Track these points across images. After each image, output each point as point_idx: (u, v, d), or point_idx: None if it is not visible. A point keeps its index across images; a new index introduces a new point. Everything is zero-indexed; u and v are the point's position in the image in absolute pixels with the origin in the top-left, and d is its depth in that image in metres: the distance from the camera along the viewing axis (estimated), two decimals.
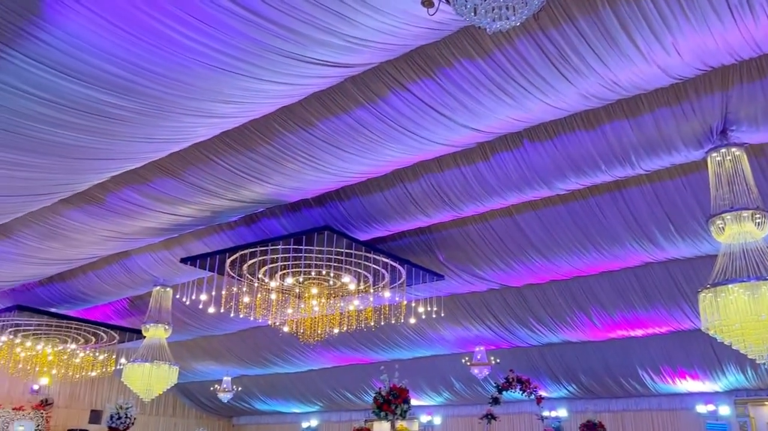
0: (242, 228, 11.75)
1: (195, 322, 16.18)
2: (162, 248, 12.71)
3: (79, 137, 6.77)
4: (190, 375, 20.51)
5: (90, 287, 14.53)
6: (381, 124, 7.60)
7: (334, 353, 17.70)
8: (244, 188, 9.68)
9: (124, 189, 9.43)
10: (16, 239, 11.09)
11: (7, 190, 8.17)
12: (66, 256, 12.39)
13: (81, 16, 4.77)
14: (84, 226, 10.77)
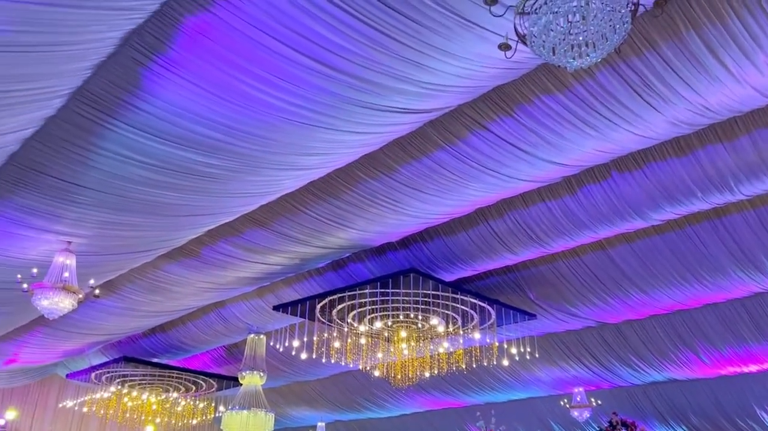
0: (330, 274, 11.97)
1: (288, 368, 16.44)
2: (255, 297, 13.11)
3: (177, 196, 7.19)
4: (285, 421, 20.74)
5: (189, 336, 15.15)
6: (462, 164, 7.60)
7: (426, 397, 17.43)
8: (329, 235, 9.89)
9: (219, 242, 9.86)
10: (122, 293, 11.77)
11: (114, 248, 8.74)
12: (166, 308, 13.02)
13: (176, 84, 5.12)
14: (182, 279, 11.31)
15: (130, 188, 6.80)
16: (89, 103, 5.43)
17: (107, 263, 9.33)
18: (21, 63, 4.50)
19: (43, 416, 18.75)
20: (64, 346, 15.50)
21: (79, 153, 6.10)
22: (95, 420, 18.71)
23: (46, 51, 4.47)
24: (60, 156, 6.17)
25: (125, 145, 5.94)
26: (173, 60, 4.92)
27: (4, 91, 4.84)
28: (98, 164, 6.28)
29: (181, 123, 5.62)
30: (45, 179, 6.61)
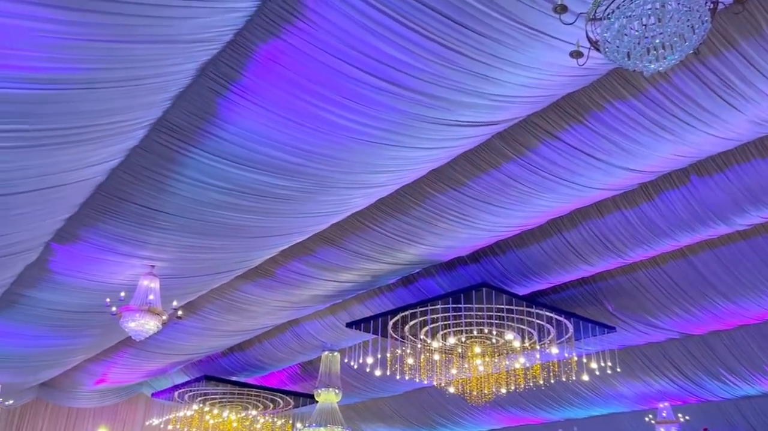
0: (401, 290, 11.98)
1: (362, 385, 16.51)
2: (328, 314, 13.28)
3: (252, 218, 7.41)
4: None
5: (265, 355, 15.48)
6: (532, 175, 7.48)
7: (503, 413, 17.09)
8: (399, 251, 9.92)
9: (292, 261, 10.06)
10: (201, 314, 12.18)
11: (194, 271, 9.07)
12: (243, 327, 13.37)
13: (250, 111, 5.30)
14: (258, 298, 11.60)
15: (209, 212, 7.06)
16: (169, 133, 5.69)
17: (188, 285, 9.68)
18: (106, 98, 4.76)
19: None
20: (149, 366, 16.15)
21: (161, 181, 6.39)
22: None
23: (129, 86, 4.72)
24: (143, 184, 6.49)
25: (203, 171, 6.18)
26: (247, 87, 5.10)
27: (91, 125, 5.13)
28: (178, 191, 6.56)
29: (256, 148, 5.80)
30: (129, 206, 6.96)
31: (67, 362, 14.12)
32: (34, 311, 10.09)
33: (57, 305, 9.83)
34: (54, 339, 11.67)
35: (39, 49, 3.80)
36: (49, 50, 3.85)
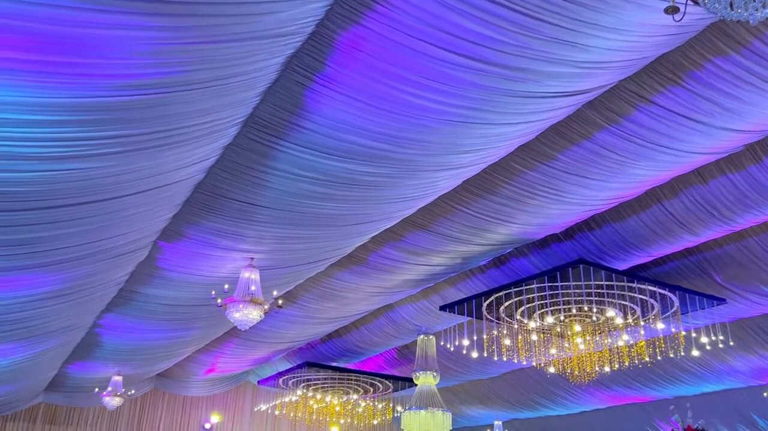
0: (493, 271, 11.85)
1: (459, 367, 16.51)
2: (421, 298, 13.35)
3: (343, 207, 7.55)
4: (461, 420, 20.82)
5: (362, 340, 15.79)
6: (627, 143, 7.16)
7: (607, 392, 16.59)
8: (489, 232, 9.79)
9: (383, 247, 10.18)
10: (300, 303, 12.58)
11: (291, 261, 9.37)
12: (339, 314, 13.69)
13: (335, 100, 5.39)
14: (352, 285, 11.83)
15: (301, 204, 7.26)
16: (260, 128, 5.88)
17: (286, 275, 10.01)
18: (198, 99, 4.97)
19: (242, 419, 20.54)
20: (253, 355, 16.88)
21: (255, 175, 6.63)
22: (286, 422, 20.13)
23: (220, 85, 4.90)
24: (239, 180, 6.75)
25: (294, 163, 6.35)
26: (331, 77, 5.18)
27: (187, 126, 5.38)
28: (272, 184, 6.78)
29: (342, 137, 5.89)
30: (227, 202, 7.27)
31: (179, 353, 14.99)
32: (147, 307, 10.77)
33: (167, 299, 10.45)
34: (166, 332, 12.42)
35: (133, 56, 4.00)
36: (143, 57, 4.04)
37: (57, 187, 5.22)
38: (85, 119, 4.36)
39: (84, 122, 4.39)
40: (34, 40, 3.48)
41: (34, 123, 4.21)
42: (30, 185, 5.02)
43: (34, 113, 4.07)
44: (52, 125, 4.31)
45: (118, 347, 13.18)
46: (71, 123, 4.37)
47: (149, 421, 19.16)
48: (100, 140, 4.75)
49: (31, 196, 5.18)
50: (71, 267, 7.38)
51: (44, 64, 3.67)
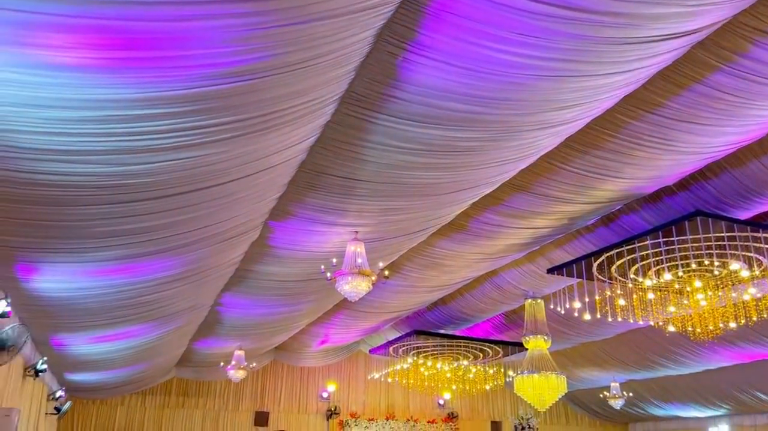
0: (602, 229, 11.43)
1: (571, 330, 16.17)
2: (526, 262, 13.14)
3: (441, 175, 7.52)
4: (576, 383, 20.48)
5: (468, 307, 15.80)
6: (745, 83, 6.62)
7: (732, 350, 15.69)
8: (595, 189, 9.43)
9: (484, 213, 10.07)
10: (404, 273, 12.74)
11: (393, 232, 9.48)
12: (443, 282, 13.75)
13: (428, 67, 5.33)
14: (454, 253, 11.82)
15: (400, 175, 7.30)
16: (355, 103, 5.93)
17: (389, 246, 10.15)
18: (293, 81, 5.07)
19: (356, 387, 21.28)
20: (363, 325, 17.36)
21: (354, 150, 6.73)
22: (399, 389, 20.64)
23: (314, 64, 4.97)
24: (339, 156, 6.88)
25: (390, 135, 6.38)
26: (422, 44, 5.11)
27: (285, 108, 5.52)
28: (370, 158, 6.85)
29: (438, 103, 5.83)
30: (329, 179, 7.43)
31: (293, 327, 15.68)
32: (261, 284, 11.31)
33: (279, 276, 10.92)
34: (280, 307, 13.01)
35: (226, 44, 4.10)
36: (235, 44, 4.14)
37: (170, 177, 5.54)
38: (188, 110, 4.56)
39: (187, 113, 4.59)
40: (129, 38, 3.66)
41: (141, 118, 4.44)
42: (146, 177, 5.35)
43: (139, 108, 4.30)
44: (158, 118, 4.54)
45: (237, 323, 13.97)
46: (176, 115, 4.59)
47: (271, 391, 20.27)
48: (204, 128, 4.96)
49: (148, 186, 5.53)
50: (190, 251, 7.86)
51: (141, 60, 3.86)
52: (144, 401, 18.79)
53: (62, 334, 10.33)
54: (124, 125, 4.45)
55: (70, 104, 4.04)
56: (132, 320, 10.20)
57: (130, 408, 18.60)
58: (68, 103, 4.01)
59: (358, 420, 20.71)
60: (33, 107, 3.97)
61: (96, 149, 4.63)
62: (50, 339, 10.53)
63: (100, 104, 4.10)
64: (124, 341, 11.56)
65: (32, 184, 4.99)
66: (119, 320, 9.92)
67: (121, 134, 4.53)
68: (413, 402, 21.58)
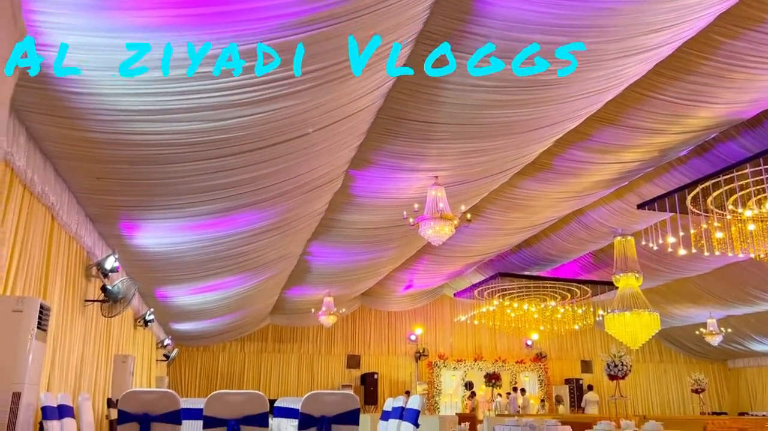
0: (695, 160, 10.83)
1: (663, 266, 15.63)
2: (614, 199, 12.70)
3: (522, 112, 7.31)
4: (669, 321, 19.92)
5: (554, 247, 15.54)
6: None
7: None
8: (689, 117, 8.92)
9: (569, 149, 9.75)
10: (486, 215, 12.64)
11: (475, 175, 9.38)
12: (527, 223, 13.54)
13: None
14: (538, 192, 11.58)
15: (479, 115, 7.15)
16: (429, 44, 5.82)
17: (470, 189, 10.07)
18: (369, 24, 5.01)
19: (443, 330, 21.63)
20: (446, 269, 17.48)
21: (430, 93, 6.63)
22: (486, 331, 20.81)
23: (384, 7, 4.89)
24: (415, 100, 6.81)
25: (467, 74, 6.22)
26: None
27: None
28: (447, 99, 6.74)
29: (516, 36, 5.62)
30: (408, 124, 7.40)
31: (378, 273, 16.00)
32: (345, 232, 11.56)
33: (363, 224, 11.11)
34: (365, 254, 13.29)
35: None
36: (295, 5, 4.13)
37: (258, 130, 5.68)
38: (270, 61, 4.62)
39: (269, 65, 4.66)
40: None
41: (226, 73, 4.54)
42: (236, 131, 5.52)
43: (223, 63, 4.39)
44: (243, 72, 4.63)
45: (325, 271, 14.42)
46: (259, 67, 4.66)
47: (360, 335, 20.95)
48: (286, 79, 5.03)
49: (238, 141, 5.71)
50: (279, 203, 8.11)
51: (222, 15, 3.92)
52: (243, 347, 19.91)
53: (165, 287, 11.03)
54: (211, 82, 4.57)
55: (157, 64, 4.19)
56: (227, 272, 10.73)
57: (231, 354, 19.77)
58: (155, 63, 4.16)
59: (447, 362, 21.13)
60: (122, 70, 4.15)
61: (185, 106, 4.80)
62: (155, 292, 11.27)
63: (185, 62, 4.22)
64: (221, 291, 12.21)
65: (128, 144, 5.26)
66: (216, 271, 10.46)
67: (209, 91, 4.67)
68: (500, 344, 21.73)
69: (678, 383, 22.88)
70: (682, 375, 22.60)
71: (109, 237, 8.01)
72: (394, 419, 4.60)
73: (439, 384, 20.83)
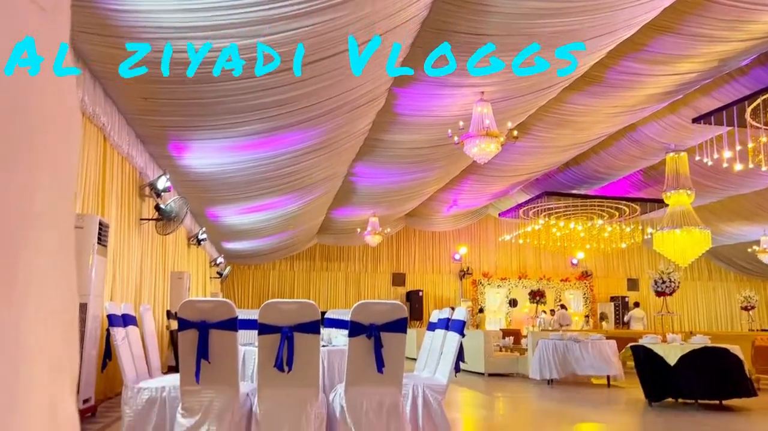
0: (757, 70, 10.26)
1: (716, 183, 15.16)
2: (668, 113, 12.23)
3: (573, 21, 6.97)
4: (720, 239, 19.51)
5: (603, 165, 15.19)
6: None
7: None
8: (752, 23, 8.37)
9: (621, 61, 9.34)
10: (533, 133, 12.37)
11: (522, 90, 9.10)
12: (576, 140, 13.21)
13: None
14: (588, 108, 11.21)
15: (528, 25, 6.86)
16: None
17: (517, 105, 9.81)
18: None
19: (487, 249, 21.78)
20: (492, 189, 17.37)
21: (479, 2, 6.37)
22: (530, 250, 20.86)
23: None
24: (463, 10, 6.56)
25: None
26: None
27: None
28: (496, 8, 6.47)
29: None
30: (452, 35, 7.16)
31: (423, 193, 16.03)
32: (390, 152, 11.52)
33: (407, 144, 11.04)
34: (410, 174, 13.27)
35: None
36: None
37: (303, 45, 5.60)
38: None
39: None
40: None
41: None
42: (281, 47, 5.45)
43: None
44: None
45: (369, 192, 14.52)
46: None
47: (405, 255, 21.29)
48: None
49: (284, 56, 5.65)
50: (324, 122, 8.10)
51: None
52: (292, 265, 20.54)
53: (215, 207, 11.33)
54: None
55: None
56: (275, 192, 10.92)
57: (281, 272, 20.44)
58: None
59: (491, 280, 21.37)
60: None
61: (228, 22, 4.76)
62: (205, 212, 11.60)
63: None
64: (269, 211, 12.49)
65: (173, 63, 5.28)
66: (263, 192, 10.66)
67: (251, 5, 4.60)
68: (545, 262, 21.79)
69: (726, 301, 22.68)
70: (731, 293, 22.36)
71: (159, 158, 8.20)
72: (441, 329, 4.72)
73: (483, 301, 21.19)
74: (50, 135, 0.45)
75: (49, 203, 0.44)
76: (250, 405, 3.79)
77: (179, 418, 3.73)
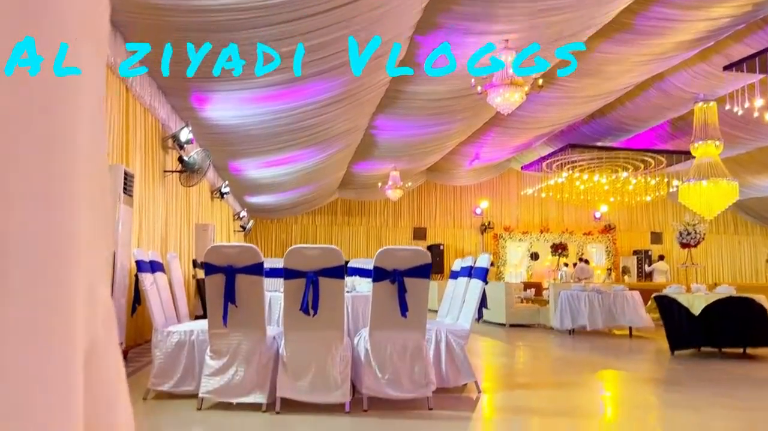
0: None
1: (747, 134, 14.78)
2: (698, 61, 11.86)
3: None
4: (748, 191, 19.16)
5: (629, 116, 14.87)
6: None
7: None
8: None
9: (651, 7, 9.04)
10: (558, 83, 12.10)
11: (548, 37, 8.87)
12: (602, 90, 12.91)
13: None
14: (616, 56, 10.91)
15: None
16: None
17: (543, 53, 9.58)
18: None
19: (509, 203, 21.67)
20: (515, 142, 17.15)
21: None
22: (553, 203, 20.70)
23: None
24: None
25: None
26: None
27: None
28: None
29: None
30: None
31: (445, 146, 15.89)
32: (412, 104, 11.39)
33: (429, 95, 10.89)
34: (431, 127, 13.14)
35: None
36: None
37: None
38: None
39: None
40: None
41: None
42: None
43: None
44: None
45: (390, 145, 14.43)
46: None
47: (426, 209, 21.29)
48: None
49: (304, 3, 5.56)
50: (343, 73, 8.00)
51: None
52: (314, 220, 20.68)
53: (237, 160, 11.37)
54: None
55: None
56: (296, 145, 10.91)
57: (303, 226, 20.61)
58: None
59: (512, 233, 21.33)
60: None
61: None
62: (228, 165, 11.66)
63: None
64: (291, 165, 12.50)
65: (192, 11, 5.22)
66: (285, 145, 10.66)
67: None
68: (568, 216, 21.64)
69: (752, 254, 22.41)
70: (757, 246, 22.08)
71: (181, 110, 8.20)
72: (463, 277, 4.75)
73: (504, 255, 21.20)
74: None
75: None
76: (277, 348, 3.88)
77: (208, 360, 3.83)
